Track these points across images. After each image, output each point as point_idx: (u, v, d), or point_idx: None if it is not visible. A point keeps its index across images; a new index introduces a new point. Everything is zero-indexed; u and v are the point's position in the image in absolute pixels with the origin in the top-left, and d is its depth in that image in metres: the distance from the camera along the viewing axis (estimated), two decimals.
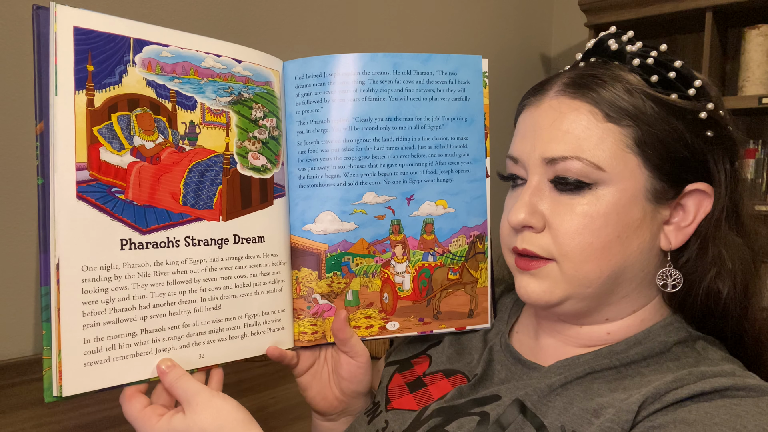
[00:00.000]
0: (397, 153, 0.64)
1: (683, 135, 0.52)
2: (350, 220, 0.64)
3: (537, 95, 0.56)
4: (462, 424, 0.55)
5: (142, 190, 0.53)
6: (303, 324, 0.64)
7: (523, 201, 0.54)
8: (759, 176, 2.12)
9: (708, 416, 0.44)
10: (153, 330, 0.53)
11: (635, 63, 0.53)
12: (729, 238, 0.54)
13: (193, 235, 0.56)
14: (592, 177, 0.51)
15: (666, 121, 0.51)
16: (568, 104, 0.53)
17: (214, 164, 0.58)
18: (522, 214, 0.53)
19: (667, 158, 0.52)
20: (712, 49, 2.07)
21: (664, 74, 0.53)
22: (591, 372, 0.53)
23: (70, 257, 0.48)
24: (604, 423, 0.47)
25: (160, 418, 0.50)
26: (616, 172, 0.51)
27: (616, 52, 0.55)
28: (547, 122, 0.54)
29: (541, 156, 0.53)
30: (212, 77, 0.58)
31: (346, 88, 0.63)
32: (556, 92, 0.54)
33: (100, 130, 0.50)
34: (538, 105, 0.56)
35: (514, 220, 0.54)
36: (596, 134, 0.51)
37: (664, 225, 0.54)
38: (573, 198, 0.52)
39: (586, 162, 0.51)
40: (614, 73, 0.53)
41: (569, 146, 0.52)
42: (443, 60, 0.65)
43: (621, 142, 0.51)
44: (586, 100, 0.52)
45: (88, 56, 0.50)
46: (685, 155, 0.52)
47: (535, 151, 0.54)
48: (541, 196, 0.54)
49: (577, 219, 0.51)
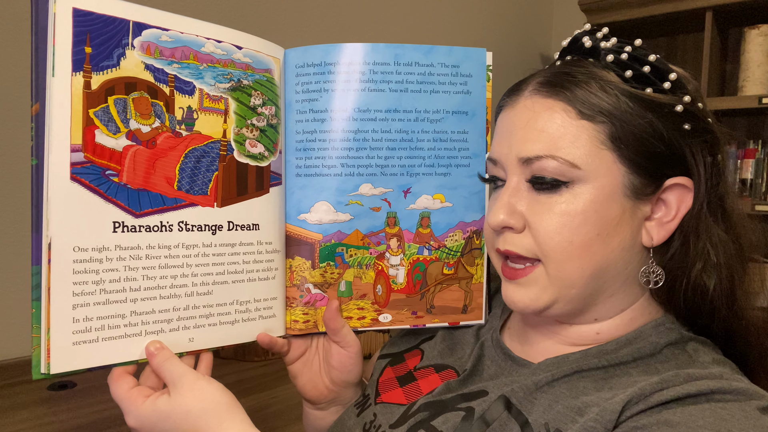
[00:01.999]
0: (395, 145, 0.64)
1: (659, 129, 0.51)
2: (345, 211, 0.64)
3: (512, 96, 0.56)
4: (447, 419, 0.55)
5: (136, 173, 0.53)
6: (295, 312, 0.64)
7: (502, 202, 0.54)
8: (759, 176, 2.09)
9: (692, 418, 0.44)
10: (143, 312, 0.53)
11: (609, 59, 0.53)
12: (714, 233, 0.53)
13: (187, 220, 0.56)
14: (568, 175, 0.51)
15: (641, 115, 0.51)
16: (541, 103, 0.53)
17: (211, 150, 0.58)
18: (501, 215, 0.53)
19: (644, 153, 0.51)
20: (712, 49, 2.04)
21: (639, 69, 0.52)
22: (578, 371, 0.52)
23: (62, 237, 0.49)
24: (587, 422, 0.47)
25: (146, 399, 0.50)
26: (592, 169, 0.51)
27: (591, 50, 0.55)
28: (522, 122, 0.53)
29: (517, 156, 0.53)
30: (212, 63, 0.58)
31: (346, 78, 0.62)
32: (531, 92, 0.54)
33: (96, 113, 0.51)
34: (513, 105, 0.55)
35: (493, 221, 0.54)
36: (571, 132, 0.51)
37: (645, 221, 0.53)
38: (551, 197, 0.52)
39: (561, 160, 0.51)
40: (588, 71, 0.53)
41: (544, 145, 0.51)
42: (446, 52, 0.64)
43: (595, 138, 0.51)
44: (559, 99, 0.52)
45: (86, 38, 0.50)
46: (661, 149, 0.51)
47: (511, 151, 0.54)
48: (520, 196, 0.54)
49: (556, 218, 0.51)
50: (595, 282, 0.52)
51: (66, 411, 0.87)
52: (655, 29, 2.28)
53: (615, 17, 2.15)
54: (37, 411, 0.88)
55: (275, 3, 1.47)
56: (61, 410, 0.88)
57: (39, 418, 0.85)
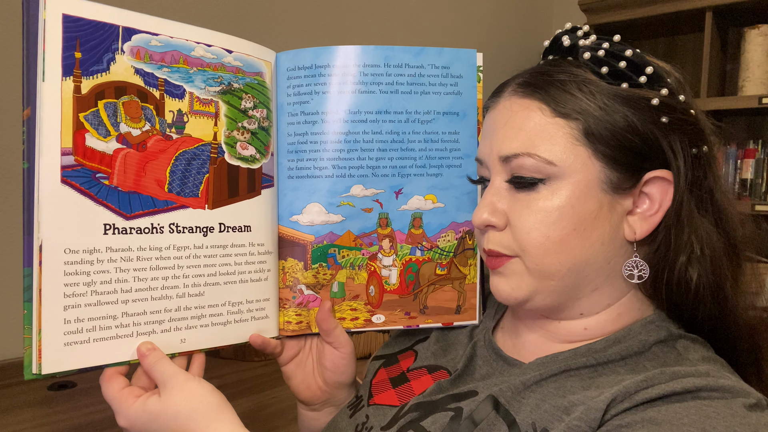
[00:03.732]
0: (386, 146, 0.64)
1: (633, 123, 0.51)
2: (337, 212, 0.64)
3: (494, 97, 0.58)
4: (436, 419, 0.55)
5: (127, 176, 0.54)
6: (288, 314, 0.65)
7: (484, 201, 0.55)
8: (759, 176, 2.08)
9: (677, 416, 0.43)
10: (134, 313, 0.54)
11: (586, 57, 0.53)
12: (700, 226, 0.53)
13: (178, 222, 0.57)
14: (544, 172, 0.52)
15: (615, 110, 0.51)
16: (519, 103, 0.54)
17: (201, 153, 0.58)
18: (484, 213, 0.55)
19: (619, 147, 0.51)
20: (712, 49, 2.04)
21: (614, 65, 0.52)
22: (567, 369, 0.52)
23: (53, 240, 0.50)
24: (573, 421, 0.46)
25: (137, 400, 0.51)
26: (568, 165, 0.51)
27: (569, 48, 0.56)
28: (502, 122, 0.55)
29: (497, 154, 0.55)
30: (202, 67, 0.58)
31: (337, 80, 0.63)
32: (510, 93, 0.56)
33: (87, 117, 0.52)
34: (494, 107, 0.57)
35: (477, 220, 0.55)
36: (547, 130, 0.52)
37: (627, 215, 0.53)
38: (529, 194, 0.53)
39: (538, 158, 0.52)
40: (565, 69, 0.54)
41: (521, 143, 0.53)
42: (436, 53, 0.65)
43: (570, 135, 0.51)
44: (535, 98, 0.53)
45: (76, 43, 0.51)
46: (637, 143, 0.51)
47: (492, 151, 0.55)
48: (501, 195, 0.55)
49: (533, 214, 0.52)
50: (575, 275, 0.53)
51: (66, 411, 0.88)
52: (655, 29, 2.28)
53: (615, 17, 2.15)
54: (37, 411, 0.88)
55: (266, 7, 1.48)
56: (61, 410, 0.88)
57: (39, 418, 0.86)
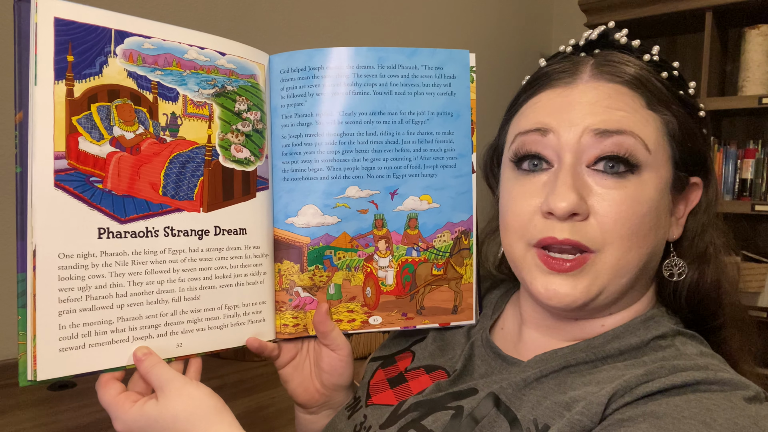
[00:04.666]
0: (381, 147, 0.64)
1: (695, 130, 0.54)
2: (333, 214, 0.64)
3: (565, 78, 0.53)
4: (437, 417, 0.55)
5: (121, 180, 0.54)
6: (285, 316, 0.64)
7: (566, 184, 0.48)
8: (759, 176, 2.09)
9: (678, 409, 0.43)
10: (130, 318, 0.53)
11: (646, 59, 0.54)
12: (714, 229, 0.55)
13: (173, 226, 0.56)
14: (640, 158, 0.50)
15: (686, 116, 0.53)
16: (610, 87, 0.51)
17: (196, 156, 0.58)
18: (570, 197, 0.48)
19: (687, 152, 0.53)
20: (712, 49, 2.05)
21: (671, 72, 0.54)
22: (567, 366, 0.52)
23: (47, 244, 0.49)
24: (574, 416, 0.46)
25: (134, 405, 0.51)
26: (657, 158, 0.51)
27: (625, 46, 0.55)
28: (590, 99, 0.51)
29: (589, 127, 0.49)
30: (195, 69, 0.58)
31: (330, 82, 0.63)
32: (591, 76, 0.53)
33: (79, 120, 0.51)
34: (572, 85, 0.52)
35: (560, 206, 0.48)
36: (642, 117, 0.51)
37: (671, 216, 0.55)
38: (618, 181, 0.49)
39: (640, 140, 0.50)
40: (640, 65, 0.53)
41: (623, 121, 0.50)
42: (429, 54, 0.65)
43: (661, 130, 0.52)
44: (626, 86, 0.52)
45: (68, 47, 0.51)
46: (695, 150, 0.54)
47: (577, 124, 0.50)
48: (582, 180, 0.50)
49: (626, 204, 0.49)
50: (639, 273, 0.52)
51: (66, 411, 0.87)
52: (655, 29, 2.29)
53: (615, 17, 2.16)
54: (37, 411, 0.88)
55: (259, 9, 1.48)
56: (61, 410, 0.88)
57: (39, 418, 0.85)
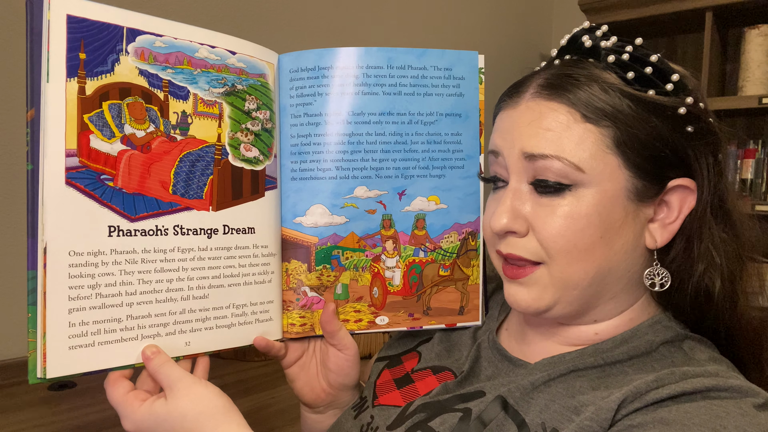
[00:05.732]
0: (389, 148, 0.64)
1: (662, 132, 0.50)
2: (341, 214, 0.64)
3: (513, 97, 0.55)
4: (445, 419, 0.55)
5: (131, 178, 0.53)
6: (292, 316, 0.64)
7: (504, 206, 0.53)
8: (759, 176, 2.09)
9: (688, 416, 0.43)
10: (139, 316, 0.53)
11: (610, 60, 0.52)
12: (715, 234, 0.53)
13: (182, 224, 0.56)
14: (571, 178, 0.50)
15: (644, 119, 0.50)
16: (545, 105, 0.52)
17: (206, 154, 0.58)
18: (504, 219, 0.52)
19: (648, 157, 0.51)
20: (712, 49, 2.05)
21: (641, 70, 0.51)
22: (575, 370, 0.52)
23: (58, 242, 0.49)
24: (584, 421, 0.47)
25: (142, 403, 0.51)
26: (596, 173, 0.50)
27: (591, 49, 0.54)
28: (526, 120, 0.52)
29: (521, 150, 0.52)
30: (206, 68, 0.58)
31: (339, 81, 0.63)
32: (532, 94, 0.53)
33: (91, 118, 0.51)
34: (515, 106, 0.54)
35: (496, 226, 0.53)
36: (576, 134, 0.50)
37: (648, 223, 0.53)
38: (553, 200, 0.51)
39: (566, 162, 0.50)
40: (590, 72, 0.52)
41: (550, 144, 0.50)
42: (438, 55, 0.65)
43: (601, 142, 0.50)
44: (562, 101, 0.51)
45: (80, 44, 0.51)
46: (665, 153, 0.51)
47: (515, 146, 0.53)
48: (523, 199, 0.53)
49: (559, 221, 0.50)
50: (597, 284, 0.52)
51: (66, 411, 0.88)
52: (655, 29, 2.29)
53: (615, 17, 2.16)
54: (37, 411, 0.88)
55: (269, 9, 1.48)
56: (61, 410, 0.88)
57: (39, 418, 0.85)
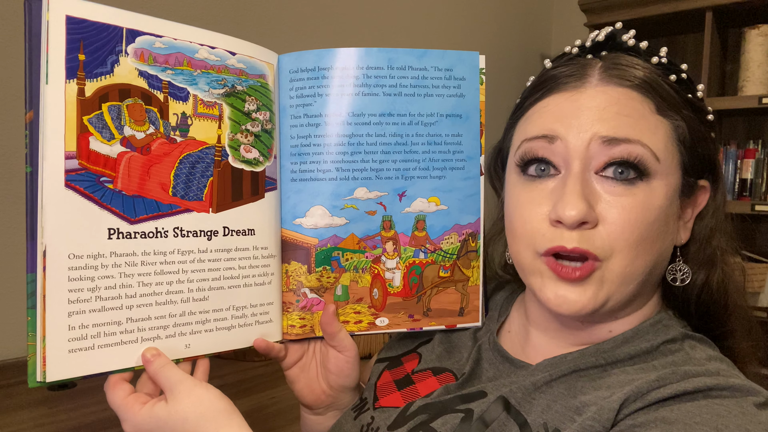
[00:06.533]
0: (389, 149, 0.64)
1: (704, 135, 0.53)
2: (341, 215, 0.64)
3: (573, 81, 0.52)
4: (446, 420, 0.55)
5: (131, 180, 0.53)
6: (292, 317, 0.64)
7: (575, 192, 0.48)
8: (759, 176, 2.10)
9: (689, 415, 0.44)
10: (139, 319, 0.53)
11: (654, 61, 0.53)
12: (721, 233, 0.55)
13: (182, 226, 0.56)
14: (649, 167, 0.49)
15: (696, 120, 0.53)
16: (618, 91, 0.50)
17: (206, 156, 0.58)
18: (581, 205, 0.47)
19: (696, 157, 0.53)
20: (712, 49, 2.05)
21: (679, 75, 0.53)
22: (576, 370, 0.52)
23: (57, 245, 0.49)
24: (586, 421, 0.47)
25: (143, 406, 0.50)
26: (666, 165, 0.51)
27: (633, 48, 0.54)
28: (600, 104, 0.50)
29: (597, 134, 0.49)
30: (206, 69, 0.58)
31: (339, 82, 0.63)
32: (601, 80, 0.51)
33: (90, 120, 0.51)
34: (580, 89, 0.51)
35: (569, 215, 0.47)
36: (652, 124, 0.50)
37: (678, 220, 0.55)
38: (628, 188, 0.49)
39: (648, 149, 0.49)
40: (649, 68, 0.53)
41: (632, 129, 0.49)
42: (439, 56, 0.65)
43: (671, 136, 0.51)
44: (636, 90, 0.51)
45: (79, 45, 0.50)
46: (704, 155, 0.53)
47: (587, 130, 0.49)
48: (589, 186, 0.49)
49: (635, 212, 0.48)
50: (646, 279, 0.52)
51: (66, 411, 0.87)
52: (655, 29, 2.29)
53: (615, 17, 2.16)
54: (37, 411, 0.87)
55: (269, 9, 1.48)
56: (61, 410, 0.88)
57: (39, 418, 0.85)
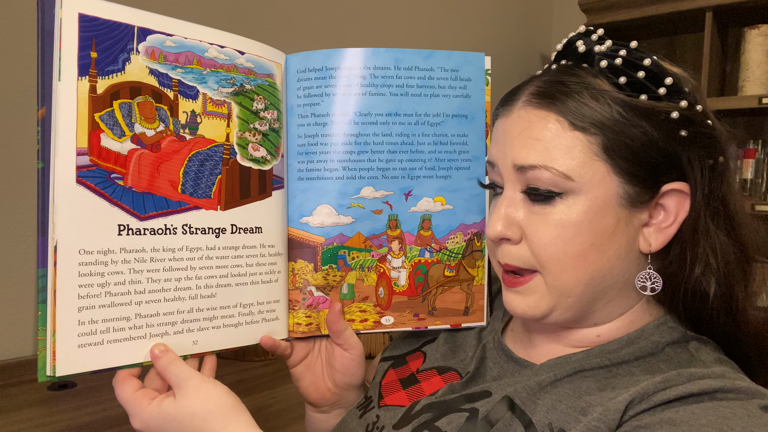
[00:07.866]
0: (396, 148, 0.64)
1: (654, 137, 0.50)
2: (347, 214, 0.64)
3: (506, 105, 0.56)
4: (451, 419, 0.55)
5: (141, 177, 0.54)
6: (298, 315, 0.65)
7: (498, 213, 0.54)
8: (759, 176, 2.10)
9: (695, 417, 0.44)
10: (147, 315, 0.53)
11: (603, 65, 0.52)
12: (714, 237, 0.52)
13: (191, 223, 0.56)
14: (561, 186, 0.51)
15: (634, 125, 0.50)
16: (535, 114, 0.52)
17: (214, 154, 0.58)
18: (499, 226, 0.54)
19: (638, 163, 0.50)
20: (712, 49, 2.06)
21: (633, 75, 0.51)
22: (581, 370, 0.53)
23: (68, 240, 0.49)
24: (591, 422, 0.47)
25: (151, 402, 0.51)
26: (586, 180, 0.50)
27: (584, 54, 0.54)
28: (517, 130, 0.53)
29: (512, 162, 0.53)
30: (215, 68, 0.58)
31: (347, 82, 0.63)
32: (524, 102, 0.54)
33: (102, 117, 0.51)
34: (508, 114, 0.55)
35: (491, 233, 0.54)
36: (564, 143, 0.50)
37: (643, 227, 0.53)
38: (545, 208, 0.52)
39: (555, 172, 0.50)
40: (580, 80, 0.52)
41: (539, 155, 0.51)
42: (445, 56, 0.65)
43: (589, 150, 0.50)
44: (551, 110, 0.51)
45: (92, 43, 0.51)
46: (657, 158, 0.51)
47: (506, 157, 0.54)
48: (517, 206, 0.54)
49: (550, 229, 0.51)
50: (592, 290, 0.53)
51: (66, 411, 0.88)
52: (655, 29, 2.29)
53: (615, 17, 2.16)
54: (37, 411, 0.88)
55: (277, 9, 1.48)
56: (61, 410, 0.88)
57: (39, 418, 0.85)
